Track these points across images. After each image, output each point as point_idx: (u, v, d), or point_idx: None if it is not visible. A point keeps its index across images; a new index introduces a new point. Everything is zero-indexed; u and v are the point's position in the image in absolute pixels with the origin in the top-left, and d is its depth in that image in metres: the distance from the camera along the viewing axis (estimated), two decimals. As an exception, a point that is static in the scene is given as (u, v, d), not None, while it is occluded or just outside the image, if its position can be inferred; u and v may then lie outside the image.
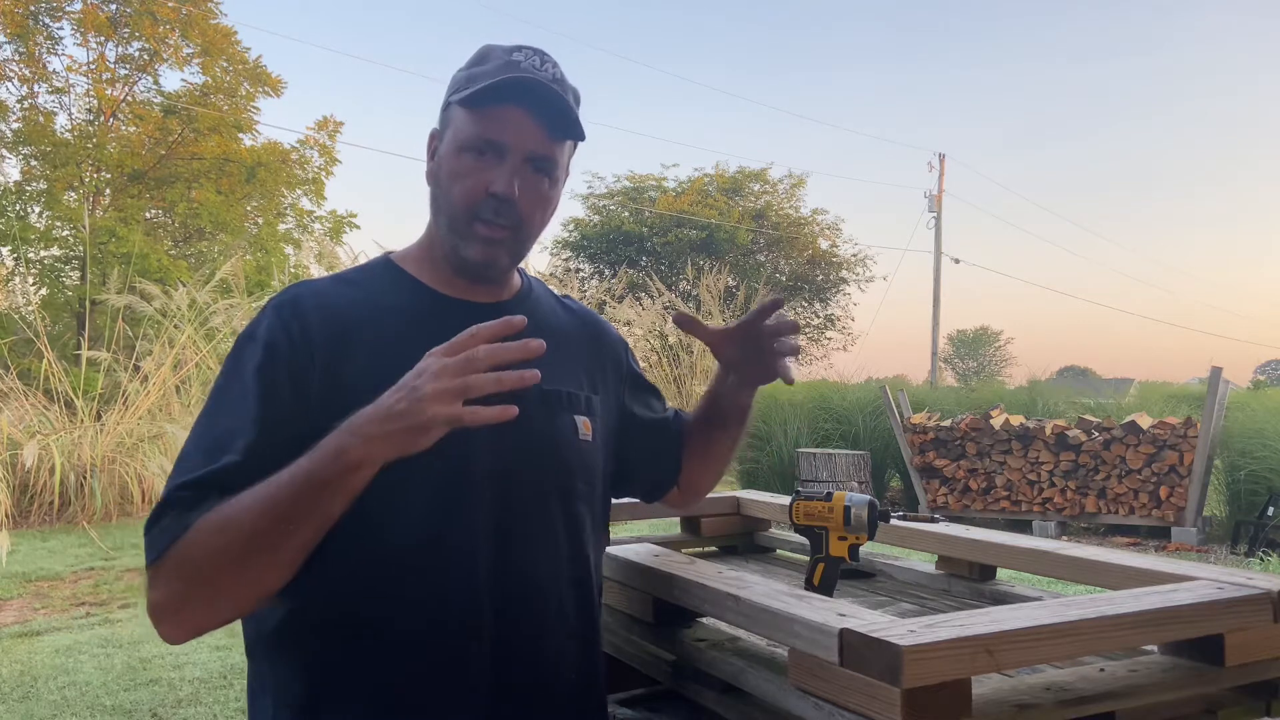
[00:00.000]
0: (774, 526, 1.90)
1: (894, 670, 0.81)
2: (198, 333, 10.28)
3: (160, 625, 0.94)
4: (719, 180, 25.36)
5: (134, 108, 17.74)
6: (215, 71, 18.22)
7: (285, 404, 1.01)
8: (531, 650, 1.08)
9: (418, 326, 1.08)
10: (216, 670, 4.13)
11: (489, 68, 1.09)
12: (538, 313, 1.19)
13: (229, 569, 0.91)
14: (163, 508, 0.94)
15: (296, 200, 20.31)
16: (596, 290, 18.48)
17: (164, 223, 19.30)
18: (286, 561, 0.93)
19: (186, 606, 0.93)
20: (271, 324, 1.05)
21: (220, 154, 17.94)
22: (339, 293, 1.11)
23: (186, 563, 0.91)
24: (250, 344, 1.05)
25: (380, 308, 1.10)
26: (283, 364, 1.02)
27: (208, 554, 0.91)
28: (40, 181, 17.15)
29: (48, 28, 16.97)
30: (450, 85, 1.13)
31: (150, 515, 0.95)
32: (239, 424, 0.99)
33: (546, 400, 1.13)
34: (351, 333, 1.06)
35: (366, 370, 1.02)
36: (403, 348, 0.99)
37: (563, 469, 1.13)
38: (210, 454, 0.97)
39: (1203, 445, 7.39)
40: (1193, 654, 1.03)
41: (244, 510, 0.91)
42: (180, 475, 0.96)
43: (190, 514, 0.92)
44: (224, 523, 0.91)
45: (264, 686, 1.06)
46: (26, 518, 8.04)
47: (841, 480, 8.57)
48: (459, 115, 1.09)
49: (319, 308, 1.07)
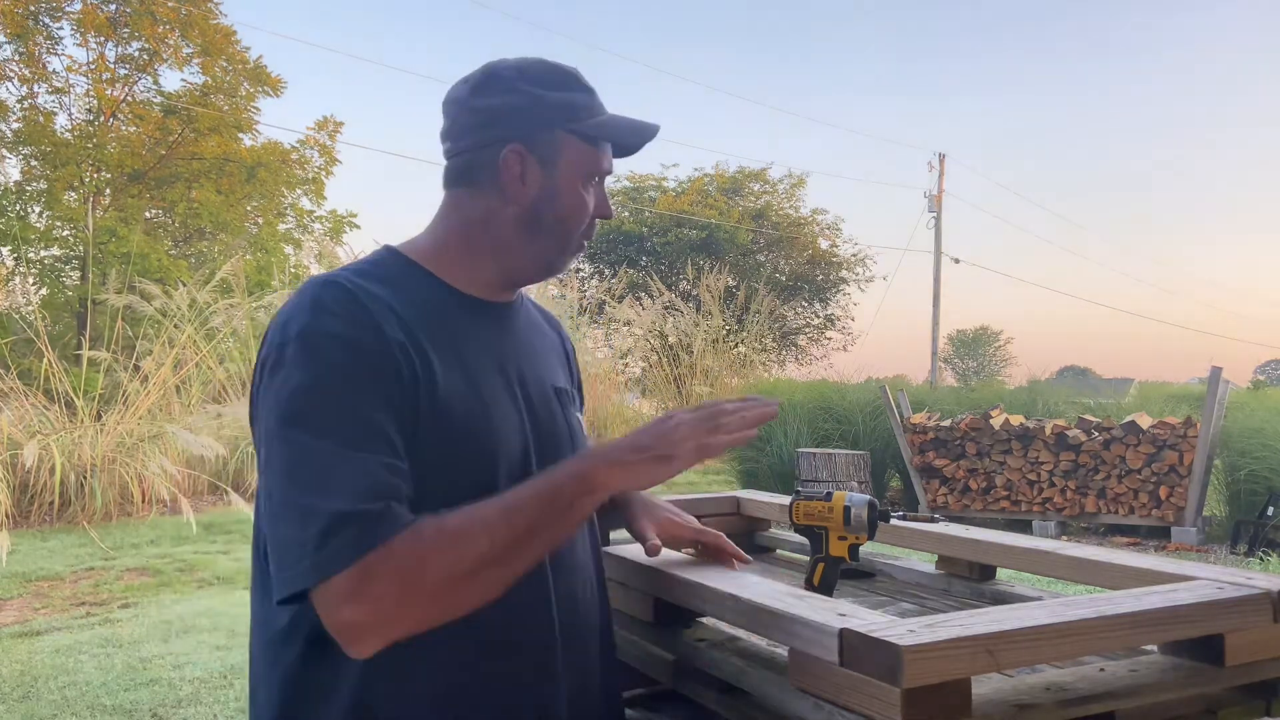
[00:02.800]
0: (774, 526, 1.90)
1: (894, 670, 0.81)
2: (198, 333, 10.29)
3: (361, 641, 0.90)
4: (719, 180, 25.38)
5: (134, 108, 17.74)
6: (215, 71, 18.23)
7: (401, 403, 0.98)
8: (584, 640, 1.15)
9: (459, 327, 1.10)
10: (216, 670, 4.13)
11: (585, 100, 1.15)
12: (529, 313, 1.26)
13: (461, 581, 0.91)
14: (341, 520, 0.89)
15: (296, 200, 20.33)
16: (596, 290, 18.48)
17: (164, 223, 19.30)
18: (516, 575, 0.95)
19: (400, 620, 0.90)
20: (355, 321, 0.99)
21: (220, 154, 17.95)
22: (381, 292, 1.05)
23: (407, 576, 0.89)
24: (329, 340, 0.98)
25: (420, 305, 1.07)
26: (381, 361, 0.99)
27: (439, 567, 0.90)
28: (40, 181, 17.16)
29: (48, 28, 16.98)
30: (545, 107, 1.11)
31: (321, 528, 0.89)
32: (373, 428, 0.95)
33: (559, 398, 1.19)
34: (420, 334, 1.04)
35: (448, 375, 1.03)
36: (461, 347, 1.07)
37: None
38: (365, 463, 0.92)
39: (1203, 445, 7.39)
40: (1193, 654, 1.03)
41: (481, 525, 0.92)
42: (340, 486, 0.91)
43: (380, 526, 0.90)
44: (456, 536, 0.91)
45: (305, 688, 1.01)
46: (26, 518, 8.03)
47: (841, 480, 8.56)
48: (580, 146, 1.13)
49: (384, 307, 1.02)
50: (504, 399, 1.09)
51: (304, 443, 0.93)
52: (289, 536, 0.91)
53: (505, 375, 1.11)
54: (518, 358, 1.15)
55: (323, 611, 0.90)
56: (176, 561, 6.64)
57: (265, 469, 0.96)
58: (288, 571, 0.91)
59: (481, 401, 1.06)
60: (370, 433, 0.94)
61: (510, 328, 1.17)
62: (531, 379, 1.15)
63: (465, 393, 1.04)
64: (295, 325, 0.99)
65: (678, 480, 11.36)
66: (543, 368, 1.19)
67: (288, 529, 0.91)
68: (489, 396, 1.07)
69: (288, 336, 0.98)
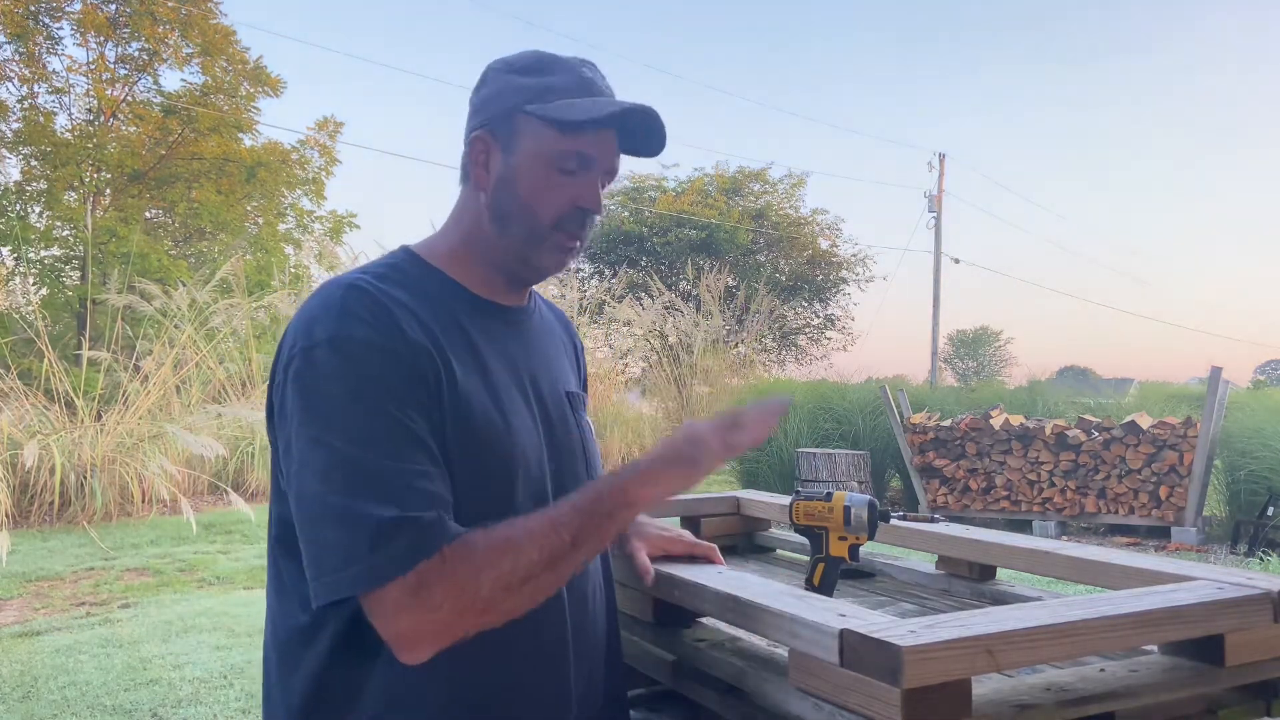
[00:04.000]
0: (774, 526, 1.90)
1: (894, 670, 0.81)
2: (198, 333, 10.29)
3: (418, 648, 0.92)
4: (719, 180, 25.37)
5: (134, 108, 17.72)
6: (215, 71, 18.21)
7: (430, 406, 0.99)
8: (594, 640, 1.16)
9: (476, 330, 1.09)
10: (217, 670, 4.13)
11: (567, 82, 1.09)
12: (543, 316, 1.25)
13: (512, 590, 0.93)
14: (393, 527, 0.90)
15: (296, 200, 20.31)
16: (596, 290, 18.48)
17: (164, 223, 19.29)
18: (560, 585, 1.00)
19: (457, 627, 0.92)
20: (384, 327, 0.99)
21: (220, 154, 17.93)
22: (401, 295, 1.04)
23: (464, 586, 0.91)
24: (362, 347, 0.97)
25: (438, 309, 1.07)
26: (411, 366, 0.99)
27: (492, 577, 0.92)
28: (40, 181, 17.14)
29: (48, 28, 16.95)
30: (517, 91, 1.09)
31: (371, 534, 0.90)
32: (413, 436, 0.96)
33: (571, 402, 1.19)
34: (440, 337, 1.03)
35: (467, 378, 1.04)
36: (478, 352, 1.07)
37: (588, 465, 1.19)
38: (410, 471, 0.93)
39: (1203, 445, 7.39)
40: (1193, 654, 1.03)
41: (528, 536, 0.95)
42: (389, 494, 0.91)
43: (433, 536, 0.91)
44: (507, 547, 0.94)
45: (327, 690, 1.01)
46: (26, 518, 8.04)
47: (841, 480, 8.56)
48: (540, 129, 1.07)
49: (406, 310, 1.02)
50: (520, 405, 1.09)
51: (346, 449, 0.93)
52: (332, 540, 0.91)
53: (520, 381, 1.11)
54: (531, 363, 1.15)
55: (378, 619, 0.91)
56: (176, 561, 6.64)
57: (300, 473, 0.95)
58: (331, 576, 0.91)
59: (500, 407, 1.06)
60: (411, 440, 0.95)
61: (524, 331, 1.17)
62: (545, 384, 1.15)
63: (484, 398, 1.04)
64: (323, 330, 0.97)
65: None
66: (556, 372, 1.19)
67: (331, 533, 0.91)
68: (506, 402, 1.07)
69: (315, 341, 0.97)
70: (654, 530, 1.32)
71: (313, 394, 0.96)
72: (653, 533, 1.31)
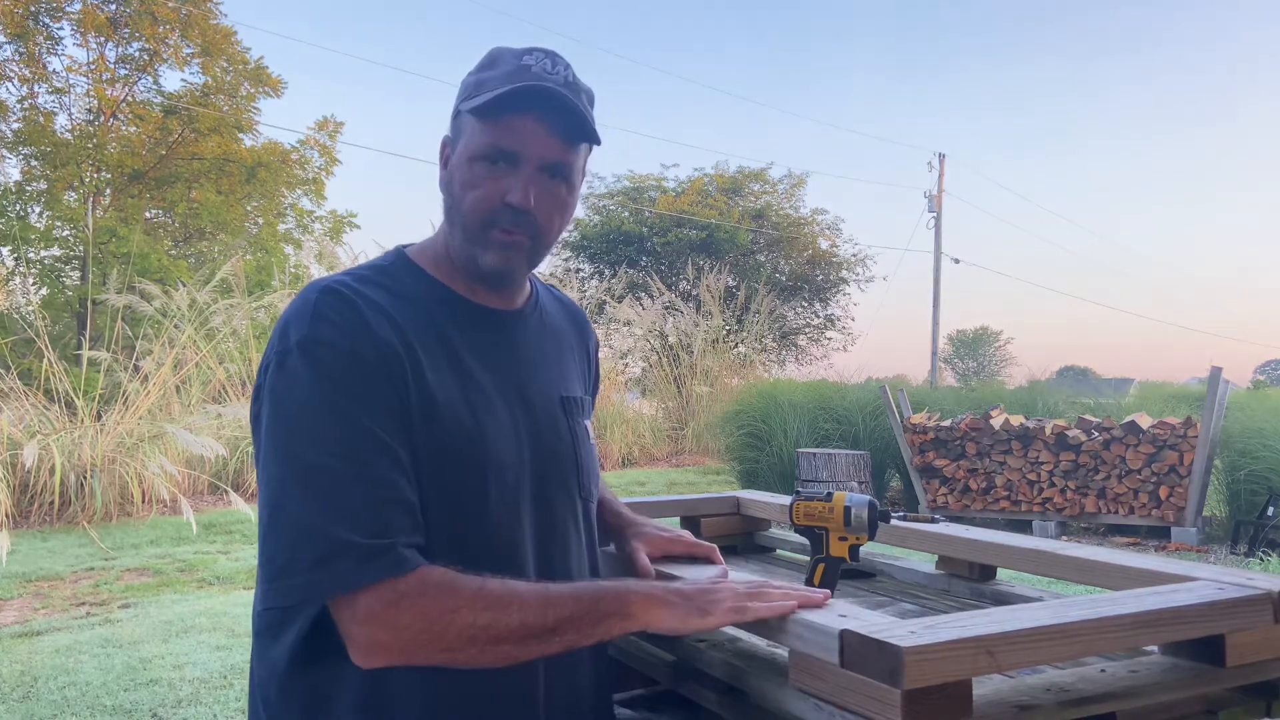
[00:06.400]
0: (774, 526, 1.90)
1: (895, 671, 0.81)
2: (198, 333, 10.29)
3: (372, 658, 0.94)
4: (719, 180, 25.35)
5: (134, 108, 17.72)
6: (215, 71, 18.21)
7: (399, 409, 1.00)
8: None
9: (457, 334, 1.09)
10: (216, 670, 4.13)
11: (498, 73, 1.07)
12: (546, 318, 1.23)
13: (479, 644, 0.94)
14: (342, 547, 0.91)
15: (296, 200, 20.32)
16: (596, 290, 18.48)
17: (164, 223, 19.29)
18: (523, 659, 0.97)
19: (414, 654, 0.93)
20: (353, 330, 0.99)
21: (220, 154, 17.93)
22: (380, 297, 1.05)
23: (435, 619, 0.92)
24: (329, 350, 0.98)
25: (417, 310, 1.07)
26: (379, 369, 0.99)
27: (466, 622, 0.93)
28: (40, 181, 17.15)
29: (48, 28, 16.96)
30: (460, 91, 1.11)
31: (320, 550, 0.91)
32: (377, 443, 0.96)
33: (565, 407, 1.18)
34: (413, 339, 1.04)
35: (439, 381, 1.03)
36: (454, 353, 1.06)
37: (582, 471, 1.18)
38: (371, 487, 0.94)
39: (1203, 445, 7.39)
40: (1193, 654, 1.02)
41: (518, 601, 0.95)
42: (343, 511, 0.92)
43: (402, 551, 0.93)
44: (493, 602, 0.94)
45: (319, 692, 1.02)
46: (26, 518, 8.03)
47: (841, 480, 8.56)
48: (470, 123, 1.07)
49: (380, 313, 1.03)
50: (497, 407, 1.08)
51: (310, 457, 0.94)
52: (280, 548, 0.93)
53: (502, 385, 1.10)
54: (519, 366, 1.14)
55: (343, 622, 0.93)
56: (176, 561, 6.64)
57: (263, 479, 0.97)
58: (268, 585, 0.93)
59: (470, 407, 1.05)
60: (378, 447, 0.96)
61: (513, 335, 1.15)
62: (534, 388, 1.14)
63: (455, 401, 1.04)
64: (295, 333, 0.99)
65: (679, 480, 11.35)
66: (551, 375, 1.18)
67: (279, 542, 0.93)
68: (481, 406, 1.06)
69: (288, 346, 0.99)
70: (654, 530, 1.31)
71: (285, 399, 0.97)
72: (653, 533, 1.30)
